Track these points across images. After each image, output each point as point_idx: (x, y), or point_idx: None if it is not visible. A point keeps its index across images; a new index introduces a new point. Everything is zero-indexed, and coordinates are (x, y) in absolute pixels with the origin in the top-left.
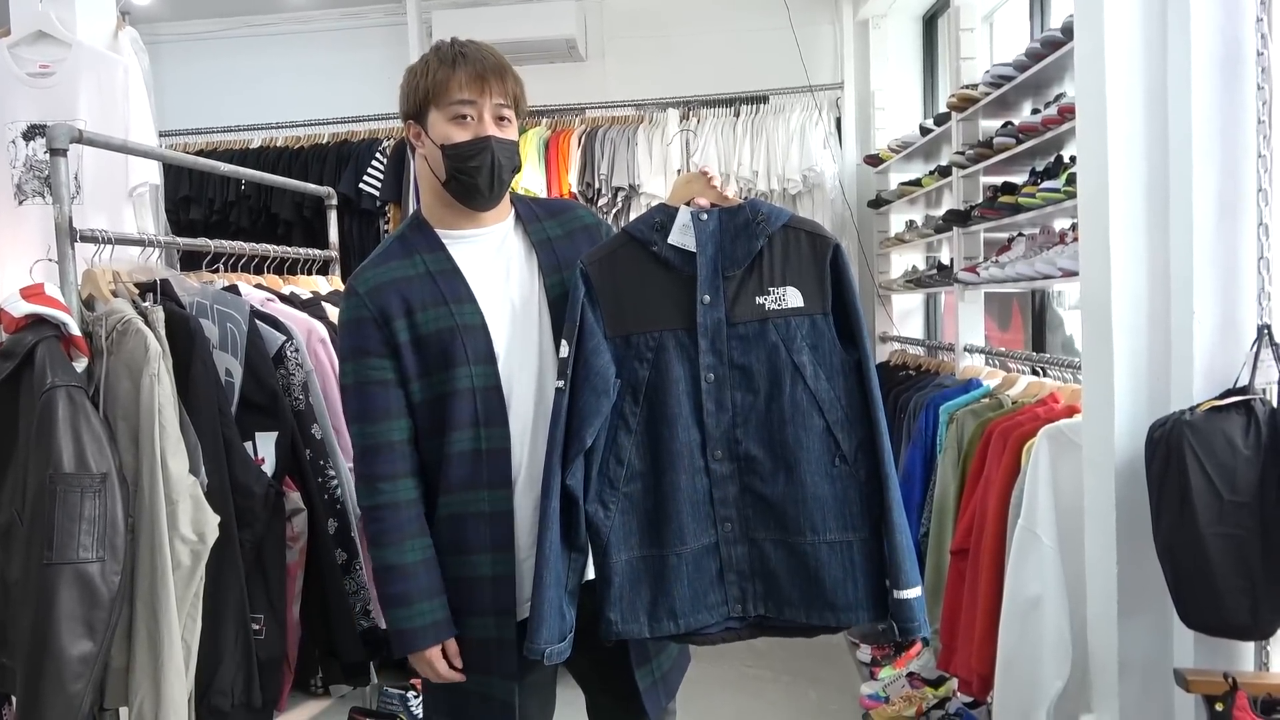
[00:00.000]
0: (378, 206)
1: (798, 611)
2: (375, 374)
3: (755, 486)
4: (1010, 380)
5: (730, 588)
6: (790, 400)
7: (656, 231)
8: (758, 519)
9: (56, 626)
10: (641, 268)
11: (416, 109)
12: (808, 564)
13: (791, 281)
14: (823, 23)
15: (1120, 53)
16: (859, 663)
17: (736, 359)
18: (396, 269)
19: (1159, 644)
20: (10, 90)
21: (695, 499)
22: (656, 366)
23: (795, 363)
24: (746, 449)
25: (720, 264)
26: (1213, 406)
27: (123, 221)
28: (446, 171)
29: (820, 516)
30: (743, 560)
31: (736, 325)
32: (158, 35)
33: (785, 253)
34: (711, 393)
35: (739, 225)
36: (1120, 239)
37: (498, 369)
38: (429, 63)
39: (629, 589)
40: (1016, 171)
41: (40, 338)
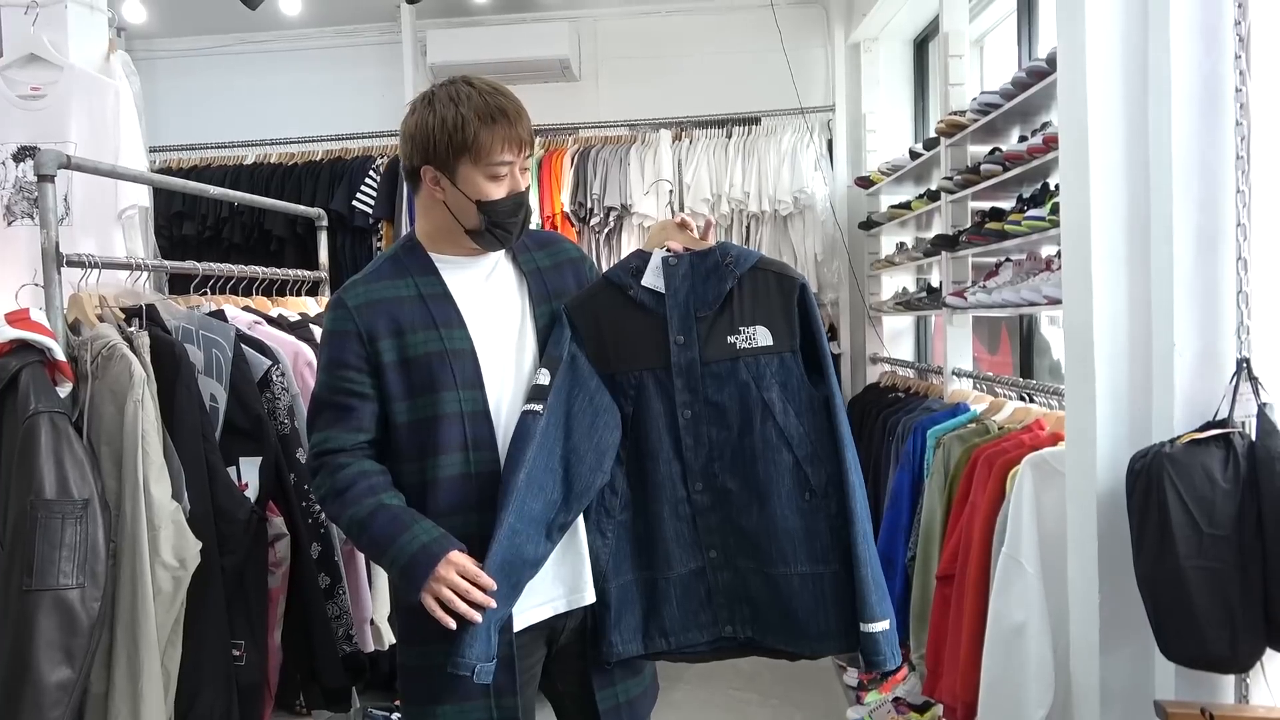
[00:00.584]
0: (371, 224)
1: (779, 638)
2: (352, 386)
3: (734, 518)
4: (997, 405)
5: (720, 610)
6: (760, 436)
7: (632, 276)
8: (738, 548)
9: (35, 653)
10: (619, 310)
11: (444, 158)
12: (781, 594)
13: (761, 321)
14: (815, 45)
15: (1101, 87)
16: (845, 686)
17: (710, 396)
18: (388, 288)
19: (1141, 674)
20: (1, 112)
21: (679, 526)
22: (638, 403)
23: (765, 399)
24: (724, 482)
25: (692, 305)
26: (1193, 439)
27: (112, 244)
28: (480, 224)
29: (791, 549)
30: (729, 585)
31: (710, 364)
32: (153, 51)
33: (755, 293)
34: (689, 428)
35: (709, 267)
36: (1102, 271)
37: (485, 394)
38: (462, 116)
39: (625, 611)
40: (1004, 197)
41: (24, 363)
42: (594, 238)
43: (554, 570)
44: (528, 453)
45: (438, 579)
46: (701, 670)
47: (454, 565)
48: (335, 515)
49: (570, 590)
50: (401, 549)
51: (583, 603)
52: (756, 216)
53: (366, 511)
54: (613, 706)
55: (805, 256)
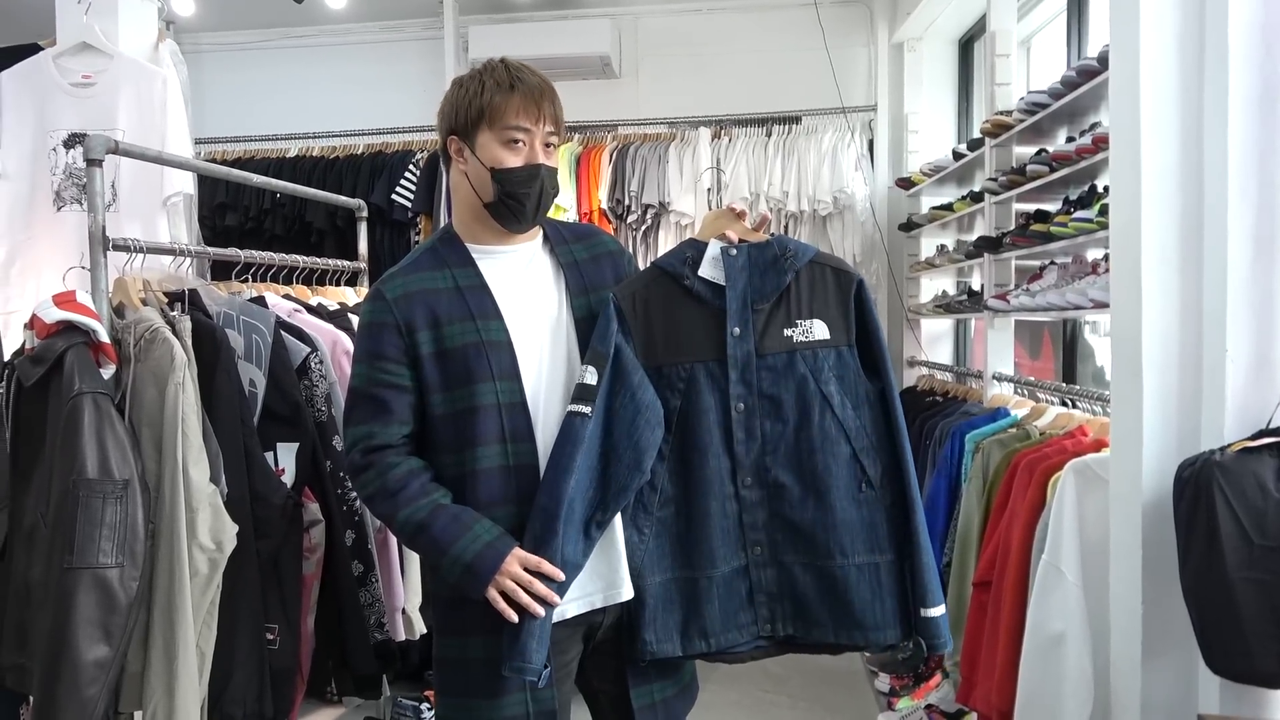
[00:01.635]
0: (409, 218)
1: (826, 631)
2: (389, 378)
3: (784, 512)
4: (1038, 411)
5: (760, 608)
6: (819, 429)
7: (686, 265)
8: (786, 543)
9: (74, 630)
10: (672, 301)
11: (464, 126)
12: (837, 586)
13: (818, 314)
14: (857, 45)
15: (1156, 86)
16: (877, 692)
17: (765, 389)
18: (426, 280)
19: (1183, 687)
20: (53, 99)
21: (726, 524)
22: (687, 396)
23: (823, 393)
24: (776, 476)
25: (749, 297)
26: (1244, 447)
27: (157, 229)
28: (494, 194)
29: (849, 540)
30: (772, 583)
31: (765, 357)
32: (200, 45)
33: (812, 287)
34: (741, 422)
35: (767, 260)
36: (1152, 274)
37: (523, 385)
38: (484, 83)
39: (662, 610)
40: (1050, 199)
41: (70, 344)
42: (631, 235)
43: (591, 566)
44: (576, 459)
45: (503, 573)
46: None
47: (518, 559)
48: (387, 514)
49: (607, 586)
50: (466, 548)
51: (619, 599)
52: (795, 216)
53: (426, 512)
54: (648, 705)
55: (844, 257)
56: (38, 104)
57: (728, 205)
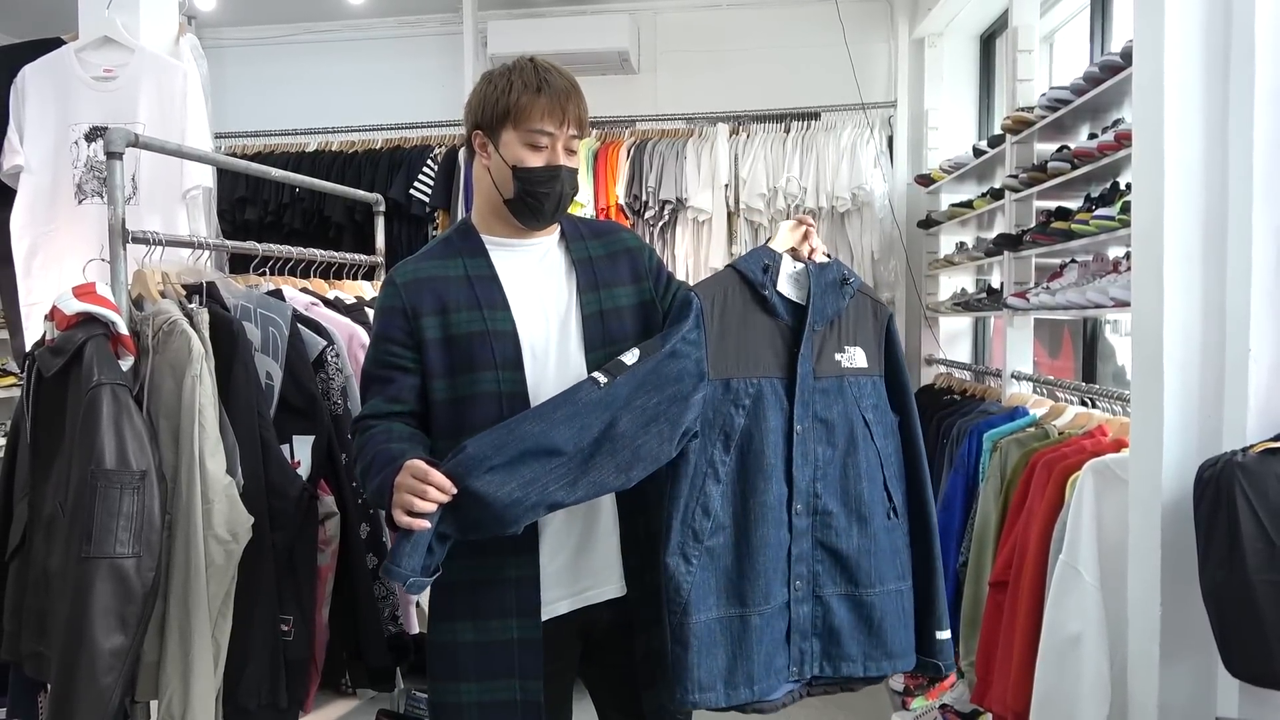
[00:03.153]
0: (427, 212)
1: (854, 666)
2: (392, 359)
3: (829, 540)
4: (1057, 410)
5: (793, 649)
6: (865, 455)
7: (766, 275)
8: (827, 574)
9: (91, 619)
10: (748, 311)
11: (490, 123)
12: (873, 615)
13: (860, 343)
14: (877, 40)
15: (1180, 82)
16: (891, 691)
17: (819, 413)
18: (436, 268)
19: (1202, 690)
20: (75, 93)
21: (779, 555)
22: (754, 415)
23: (866, 420)
24: (825, 503)
25: (814, 318)
26: (1267, 448)
27: (176, 223)
28: (514, 192)
29: (886, 567)
30: (806, 620)
31: (820, 379)
32: (220, 40)
33: (857, 315)
34: (798, 445)
35: (829, 282)
36: (1175, 272)
37: (525, 376)
38: (512, 82)
39: (707, 653)
40: (1071, 197)
41: (89, 335)
42: (648, 231)
43: (576, 563)
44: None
45: (398, 487)
46: None
47: (408, 469)
48: (358, 475)
49: (598, 583)
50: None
51: (609, 596)
52: (813, 213)
53: (369, 457)
54: (656, 708)
55: (862, 254)
56: (60, 98)
57: (798, 217)
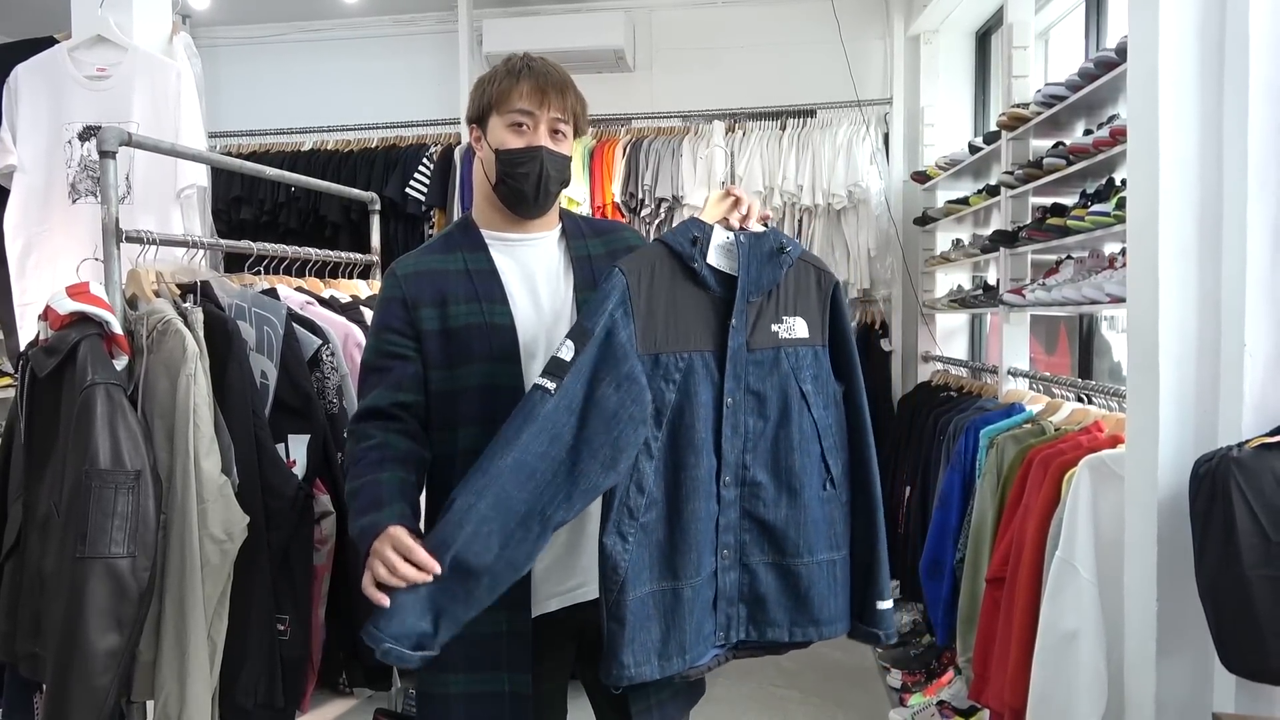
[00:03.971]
0: (423, 211)
1: (780, 631)
2: (393, 348)
3: (757, 511)
4: (1054, 406)
5: (719, 615)
6: (799, 427)
7: (694, 247)
8: (754, 543)
9: (86, 619)
10: (677, 285)
11: (480, 114)
12: (800, 584)
13: (800, 313)
14: (873, 38)
15: (1175, 77)
16: (889, 688)
17: (752, 385)
18: (436, 261)
19: (1198, 686)
20: (68, 92)
21: (708, 526)
22: (684, 389)
23: (803, 391)
24: (754, 475)
25: (746, 289)
26: (1262, 443)
27: (170, 222)
28: (497, 175)
29: (815, 537)
30: (733, 587)
31: (754, 351)
32: (215, 39)
33: (797, 284)
34: (728, 418)
35: (765, 253)
36: (1170, 267)
37: (520, 370)
38: (497, 72)
39: (641, 628)
40: (1067, 193)
41: (83, 335)
42: (645, 228)
43: (567, 561)
44: (524, 434)
45: (373, 553)
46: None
47: (390, 539)
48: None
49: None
50: (363, 521)
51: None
52: (809, 210)
53: (357, 485)
54: (644, 709)
55: (858, 252)
56: (53, 97)
57: (726, 188)
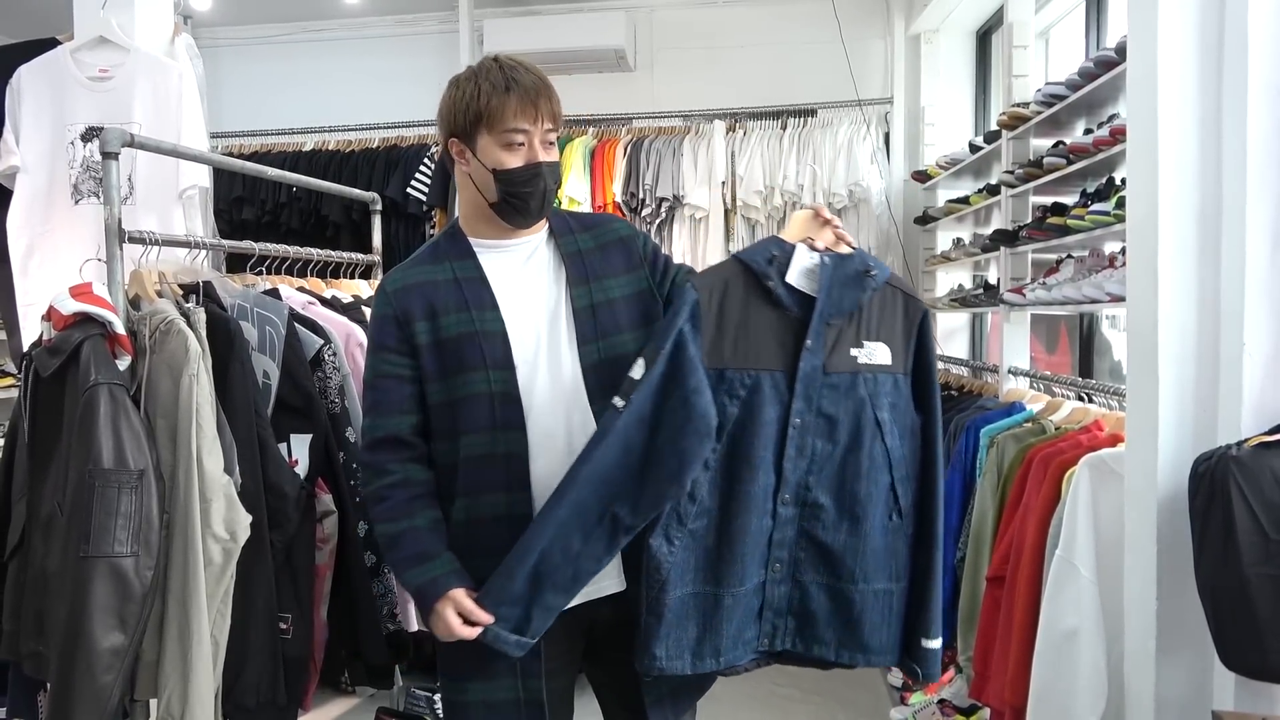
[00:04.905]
0: (424, 211)
1: (826, 650)
2: (390, 369)
3: (815, 533)
4: (1054, 405)
5: (765, 624)
6: (869, 454)
7: (773, 267)
8: (809, 563)
9: (89, 618)
10: (750, 302)
11: (464, 129)
12: (852, 609)
13: (884, 338)
14: (873, 37)
15: (1174, 76)
16: (890, 686)
17: (824, 408)
18: (425, 272)
19: (1198, 684)
20: (71, 93)
21: (759, 541)
22: (748, 406)
23: (878, 419)
24: (815, 497)
25: (826, 311)
26: (1261, 442)
27: (172, 222)
28: (498, 194)
29: (874, 566)
30: (782, 599)
31: (830, 375)
32: (217, 39)
33: (882, 309)
34: (794, 439)
35: (848, 275)
36: (1169, 267)
37: (515, 375)
38: (479, 86)
39: (677, 626)
40: (1067, 192)
41: (86, 335)
42: (645, 228)
43: None
44: (598, 450)
45: (435, 613)
46: None
47: (452, 601)
48: (372, 520)
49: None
50: (414, 576)
51: (608, 591)
52: None
53: (396, 531)
54: (656, 700)
55: None
56: (56, 98)
57: (815, 207)
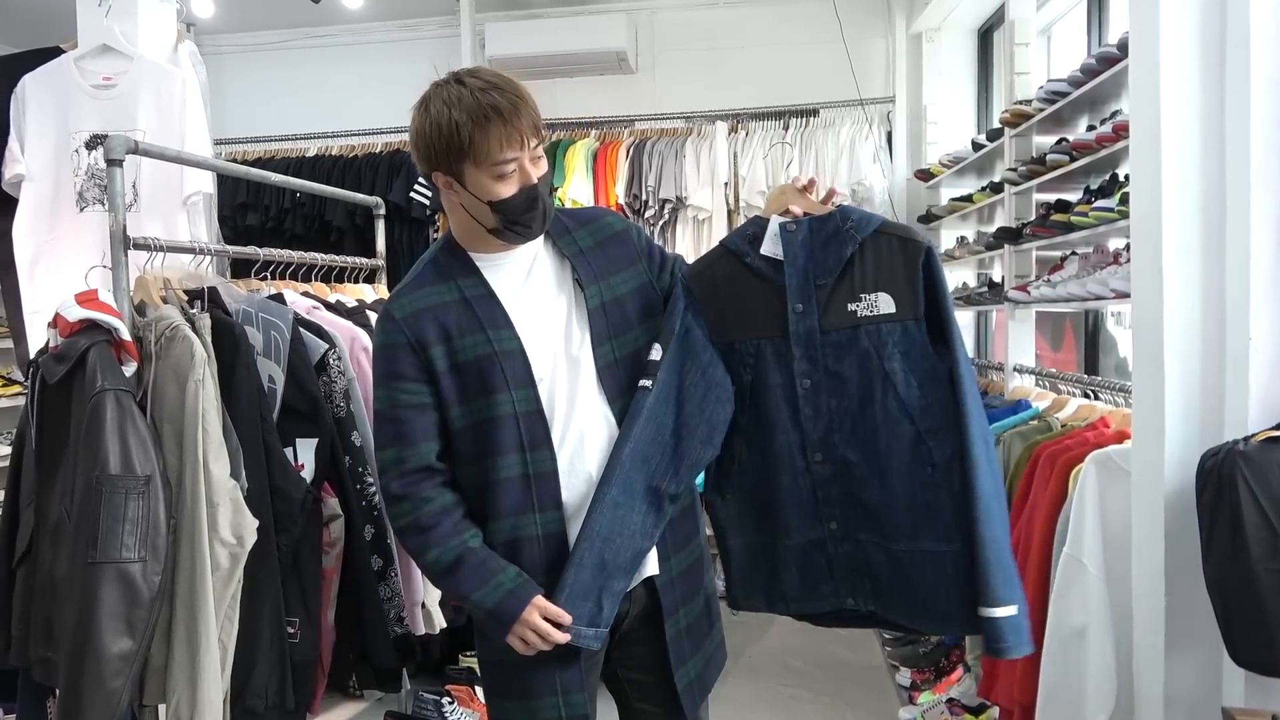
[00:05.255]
0: (428, 215)
1: (900, 614)
2: (411, 398)
3: (854, 490)
4: (1060, 403)
5: (842, 583)
6: (881, 407)
7: (749, 243)
8: (858, 522)
9: (98, 624)
10: (737, 278)
11: (447, 163)
12: (903, 570)
13: (884, 287)
14: (875, 36)
15: (1176, 72)
16: (898, 686)
17: (830, 366)
18: (432, 295)
19: (1207, 680)
20: (75, 101)
21: (799, 497)
22: (757, 372)
23: (886, 369)
24: (844, 453)
25: (812, 272)
26: (1269, 437)
27: (177, 228)
28: (496, 222)
29: (911, 524)
30: (849, 558)
31: (829, 333)
32: (220, 46)
33: (878, 258)
34: (808, 398)
35: (829, 233)
36: (1174, 262)
37: (538, 393)
38: (453, 118)
39: (749, 568)
40: (1071, 189)
41: (92, 342)
42: (649, 229)
43: None
44: (635, 429)
45: (522, 623)
46: (751, 665)
47: (538, 608)
48: (417, 549)
49: None
50: (488, 595)
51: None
52: None
53: (453, 556)
54: (687, 685)
55: None
56: (60, 106)
57: (794, 178)
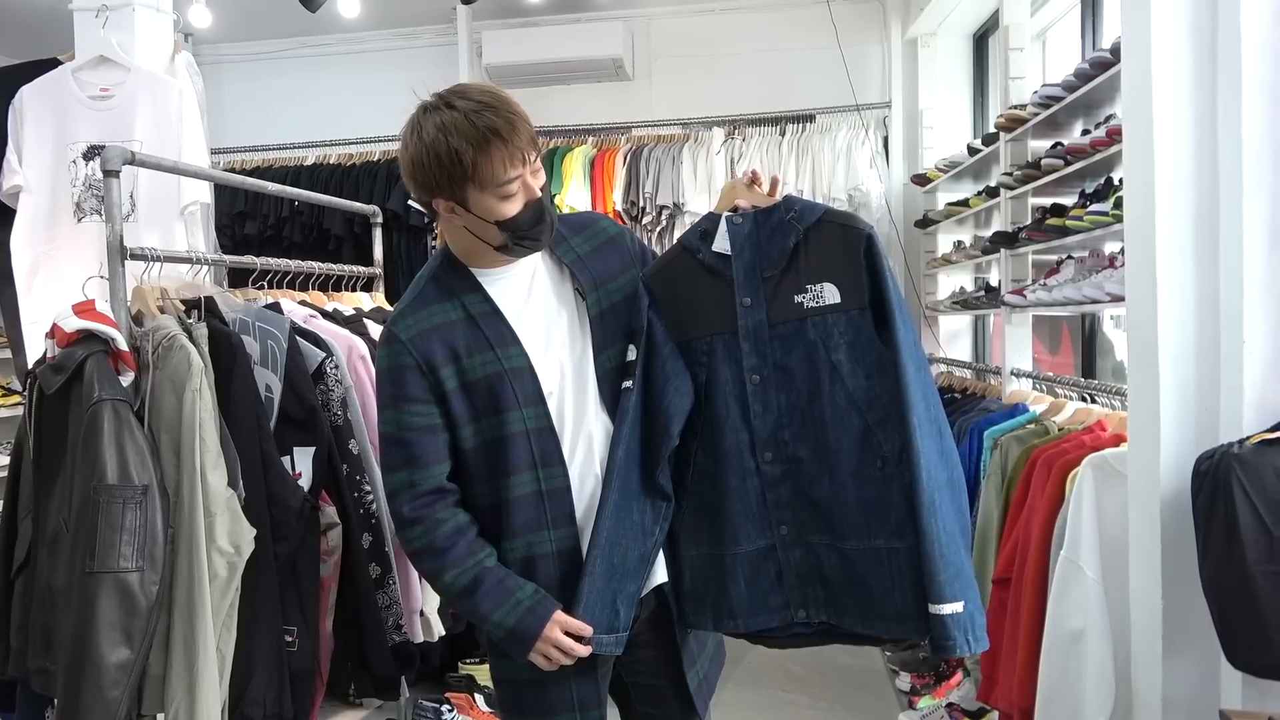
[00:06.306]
0: (426, 223)
1: (855, 620)
2: (420, 420)
3: (805, 489)
4: (1057, 406)
5: (791, 592)
6: (830, 400)
7: (701, 239)
8: (810, 522)
9: (96, 633)
10: (692, 275)
11: (449, 189)
12: (856, 570)
13: (829, 277)
14: (871, 41)
15: (1168, 76)
16: (898, 691)
17: (779, 360)
18: (437, 313)
19: (1205, 682)
20: (73, 112)
21: (748, 502)
22: (709, 369)
23: (832, 361)
24: (794, 450)
25: (758, 265)
26: (1263, 439)
27: (175, 238)
28: (504, 240)
29: (864, 521)
30: (800, 564)
31: (777, 326)
32: (219, 56)
33: (821, 248)
34: (757, 394)
35: (773, 225)
36: (1168, 265)
37: (548, 408)
38: (450, 145)
39: (699, 584)
40: (1066, 193)
41: (90, 352)
42: (646, 236)
43: None
44: (624, 429)
45: (545, 640)
46: (750, 671)
47: (559, 624)
48: (432, 572)
49: None
50: (508, 614)
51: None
52: None
53: (470, 577)
54: (697, 685)
55: None
56: (58, 117)
57: (743, 172)
